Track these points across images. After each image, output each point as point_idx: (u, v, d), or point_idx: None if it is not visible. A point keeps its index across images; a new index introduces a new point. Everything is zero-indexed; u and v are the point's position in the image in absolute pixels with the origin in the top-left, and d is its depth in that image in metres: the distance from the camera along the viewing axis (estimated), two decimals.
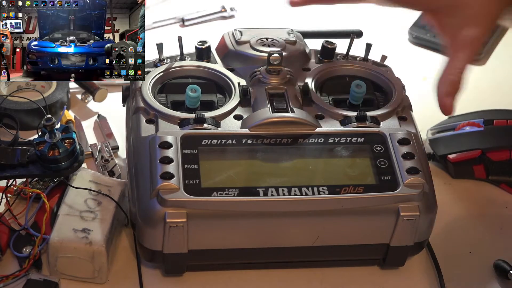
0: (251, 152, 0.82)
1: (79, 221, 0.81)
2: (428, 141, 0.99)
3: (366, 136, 0.83)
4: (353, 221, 0.80)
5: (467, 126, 0.98)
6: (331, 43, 0.93)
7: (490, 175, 0.96)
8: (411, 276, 0.85)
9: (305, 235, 0.80)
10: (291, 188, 0.78)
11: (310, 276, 0.84)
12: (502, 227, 0.92)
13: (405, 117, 0.87)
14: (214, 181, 0.78)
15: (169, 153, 0.79)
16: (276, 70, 0.88)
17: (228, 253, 0.81)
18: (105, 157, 0.94)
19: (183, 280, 0.83)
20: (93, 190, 0.84)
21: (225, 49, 0.92)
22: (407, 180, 0.79)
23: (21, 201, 0.87)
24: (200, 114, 0.82)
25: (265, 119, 0.83)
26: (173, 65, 0.89)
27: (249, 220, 0.78)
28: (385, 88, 0.91)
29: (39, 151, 0.80)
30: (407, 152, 0.81)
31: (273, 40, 0.93)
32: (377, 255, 0.84)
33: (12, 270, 0.80)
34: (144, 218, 0.78)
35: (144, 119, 0.83)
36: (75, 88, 1.04)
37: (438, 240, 0.88)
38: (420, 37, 1.20)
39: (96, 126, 1.00)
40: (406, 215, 0.79)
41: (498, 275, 0.86)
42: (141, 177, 0.79)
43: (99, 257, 0.79)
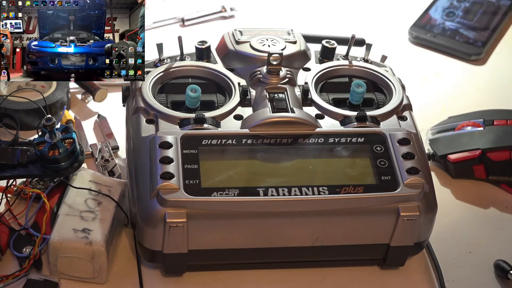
0: (251, 152, 0.82)
1: (79, 221, 0.81)
2: (428, 141, 0.99)
3: (366, 136, 0.83)
4: (353, 221, 0.80)
5: (467, 126, 0.98)
6: (331, 43, 0.93)
7: (490, 175, 0.96)
8: (411, 276, 0.85)
9: (305, 235, 0.80)
10: (291, 188, 0.78)
11: (310, 276, 0.84)
12: (502, 227, 0.92)
13: (405, 117, 0.87)
14: (214, 181, 0.78)
15: (169, 153, 0.79)
16: (276, 70, 0.88)
17: (228, 253, 0.81)
18: (105, 157, 0.94)
19: (183, 280, 0.83)
20: (93, 190, 0.84)
21: (225, 49, 0.92)
22: (407, 180, 0.79)
23: (21, 201, 0.87)
24: (200, 114, 0.82)
25: (265, 119, 0.83)
26: (173, 65, 0.89)
27: (249, 220, 0.78)
28: (385, 88, 0.91)
29: (39, 151, 0.80)
30: (407, 152, 0.81)
31: (273, 40, 0.93)
32: (377, 255, 0.84)
33: (12, 270, 0.80)
34: (144, 218, 0.78)
35: (144, 119, 0.83)
36: (75, 88, 1.04)
37: (438, 240, 0.88)
38: (420, 37, 1.20)
39: (96, 126, 1.00)
40: (406, 215, 0.79)
41: (498, 275, 0.86)
42: (141, 177, 0.79)
43: (99, 257, 0.79)
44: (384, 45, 1.02)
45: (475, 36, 1.19)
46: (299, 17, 1.22)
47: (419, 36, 1.20)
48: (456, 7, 1.24)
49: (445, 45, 1.18)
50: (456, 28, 1.20)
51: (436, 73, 1.15)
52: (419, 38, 1.20)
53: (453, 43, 1.18)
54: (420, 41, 1.20)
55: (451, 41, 1.18)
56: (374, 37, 0.98)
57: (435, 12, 1.23)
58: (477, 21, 1.21)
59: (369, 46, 0.93)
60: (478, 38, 1.19)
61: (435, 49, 1.19)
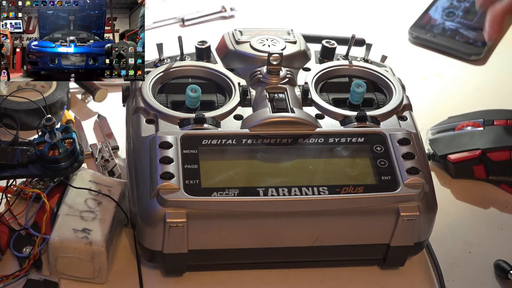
0: (251, 152, 0.82)
1: (79, 221, 0.81)
2: (428, 141, 0.99)
3: (366, 136, 0.83)
4: (353, 221, 0.80)
5: (467, 126, 0.98)
6: (331, 43, 0.93)
7: (490, 175, 0.96)
8: (411, 276, 0.85)
9: (305, 235, 0.80)
10: (291, 188, 0.78)
11: (310, 276, 0.84)
12: (502, 227, 0.92)
13: (405, 117, 0.87)
14: (214, 181, 0.78)
15: (169, 153, 0.79)
16: (276, 70, 0.88)
17: (228, 253, 0.81)
18: (105, 157, 0.94)
19: (183, 280, 0.83)
20: (93, 190, 0.84)
21: (225, 49, 0.92)
22: (407, 180, 0.79)
23: (21, 201, 0.87)
24: (200, 114, 0.82)
25: (265, 119, 0.83)
26: (173, 65, 0.89)
27: (249, 220, 0.78)
28: (385, 88, 0.91)
29: (39, 151, 0.80)
30: (407, 152, 0.81)
31: (273, 40, 0.93)
32: (377, 255, 0.84)
33: (12, 270, 0.80)
34: (144, 218, 0.78)
35: (144, 119, 0.83)
36: (75, 88, 1.04)
37: (438, 240, 0.88)
38: (420, 37, 1.19)
39: (96, 126, 1.00)
40: (406, 215, 0.79)
41: (498, 275, 0.86)
42: (141, 177, 0.79)
43: (99, 257, 0.79)
44: (384, 45, 1.02)
45: (475, 36, 1.19)
46: (299, 17, 1.22)
47: (419, 36, 1.20)
48: (456, 7, 1.24)
49: (445, 45, 1.18)
50: (456, 28, 1.20)
51: (436, 73, 1.15)
52: (419, 38, 1.20)
53: (453, 43, 1.18)
54: (420, 41, 1.20)
55: (451, 41, 1.18)
56: (374, 37, 0.98)
57: (435, 12, 1.23)
58: (477, 21, 1.21)
59: (369, 46, 0.93)
60: (478, 38, 1.19)
61: (435, 49, 1.19)
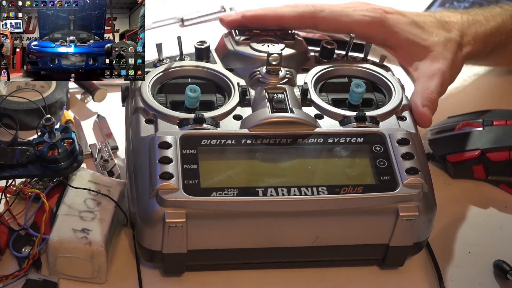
0: (250, 152, 0.82)
1: (78, 221, 0.81)
2: (427, 141, 0.99)
3: (366, 136, 0.83)
4: (352, 221, 0.80)
5: (466, 126, 0.98)
6: (330, 43, 0.93)
7: (490, 175, 0.96)
8: (411, 276, 0.85)
9: (304, 235, 0.80)
10: (290, 188, 0.78)
11: (310, 276, 0.84)
12: (501, 227, 0.92)
13: (404, 117, 0.87)
14: (214, 181, 0.78)
15: (169, 153, 0.79)
16: (275, 70, 0.88)
17: (228, 253, 0.81)
18: (104, 157, 0.94)
19: (182, 280, 0.83)
20: (92, 190, 0.84)
21: (225, 49, 0.92)
22: (406, 180, 0.79)
23: (21, 201, 0.87)
24: (200, 114, 0.82)
25: (264, 119, 0.83)
26: (173, 65, 0.89)
27: (249, 220, 0.78)
28: (384, 88, 0.91)
29: (39, 151, 0.80)
30: (407, 152, 0.81)
31: (273, 40, 0.93)
32: (377, 255, 0.84)
33: (11, 270, 0.80)
34: (144, 218, 0.78)
35: (143, 119, 0.83)
36: (75, 88, 1.04)
37: (438, 240, 0.88)
38: None
39: (96, 126, 1.00)
40: (405, 215, 0.79)
41: (498, 275, 0.86)
42: (140, 177, 0.79)
43: (99, 257, 0.79)
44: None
45: None
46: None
47: None
48: (456, 7, 1.23)
49: None
50: None
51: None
52: None
53: None
54: None
55: None
56: None
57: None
58: None
59: (369, 46, 0.93)
60: None
61: None
